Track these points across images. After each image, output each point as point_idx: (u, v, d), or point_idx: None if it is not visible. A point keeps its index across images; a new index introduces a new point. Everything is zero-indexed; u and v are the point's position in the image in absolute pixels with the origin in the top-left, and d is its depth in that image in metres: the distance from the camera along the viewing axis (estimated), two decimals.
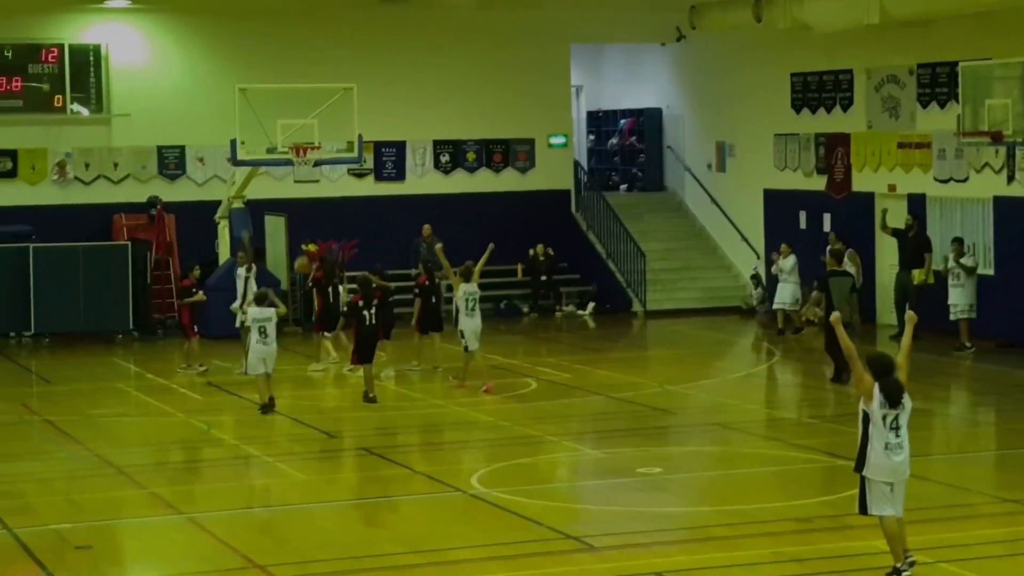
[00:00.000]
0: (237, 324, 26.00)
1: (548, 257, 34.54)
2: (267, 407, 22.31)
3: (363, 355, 23.20)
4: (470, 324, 24.16)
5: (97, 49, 32.97)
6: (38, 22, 32.62)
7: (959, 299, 27.44)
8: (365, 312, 23.13)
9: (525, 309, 34.53)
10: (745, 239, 34.93)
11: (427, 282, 26.22)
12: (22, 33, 32.53)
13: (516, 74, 35.52)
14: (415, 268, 33.12)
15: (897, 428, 13.06)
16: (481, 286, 34.15)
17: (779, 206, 33.72)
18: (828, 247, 27.83)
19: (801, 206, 33.01)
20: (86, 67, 32.91)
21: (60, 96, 32.72)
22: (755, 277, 33.81)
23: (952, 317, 27.45)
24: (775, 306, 30.66)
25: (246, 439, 20.72)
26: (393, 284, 27.26)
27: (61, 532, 15.65)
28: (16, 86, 32.46)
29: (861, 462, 13.12)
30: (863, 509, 13.16)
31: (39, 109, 32.64)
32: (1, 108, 32.39)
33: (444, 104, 35.23)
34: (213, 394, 24.36)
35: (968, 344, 27.12)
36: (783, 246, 30.82)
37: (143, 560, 15.39)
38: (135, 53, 33.31)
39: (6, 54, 32.45)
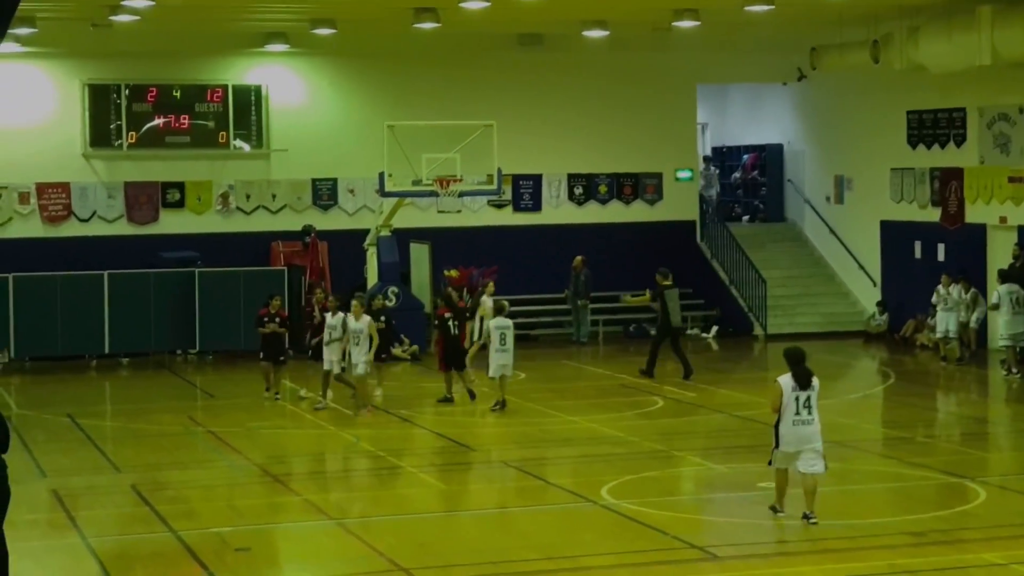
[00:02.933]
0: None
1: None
2: (499, 404, 23.48)
3: (449, 361, 24.40)
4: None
5: (258, 89, 33.42)
6: (205, 65, 33.15)
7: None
8: (449, 323, 24.45)
9: (652, 332, 34.35)
10: (862, 268, 34.53)
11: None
12: (190, 75, 33.07)
13: (645, 112, 35.46)
14: (565, 291, 33.34)
15: (809, 407, 15.67)
16: (610, 310, 34.51)
17: (895, 236, 33.32)
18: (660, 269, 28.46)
19: (916, 236, 32.59)
20: (248, 106, 33.37)
21: (224, 133, 33.20)
22: (880, 304, 33.51)
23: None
24: (938, 335, 29.30)
25: (392, 451, 20.84)
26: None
27: (222, 535, 15.81)
28: (184, 123, 32.98)
29: (777, 441, 15.72)
30: (771, 463, 15.93)
31: (205, 145, 33.14)
32: (170, 144, 32.94)
33: (578, 140, 35.26)
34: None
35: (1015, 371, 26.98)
36: (944, 276, 29.18)
37: (297, 562, 15.52)
38: (293, 93, 33.72)
39: (175, 94, 32.99)
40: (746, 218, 39.05)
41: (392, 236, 31.06)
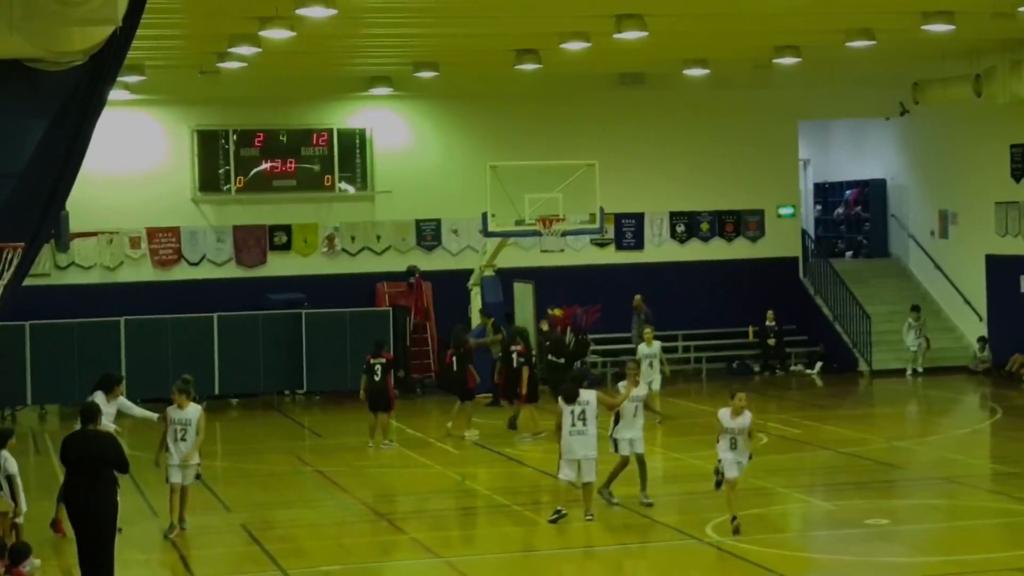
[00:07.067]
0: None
1: (777, 324, 34.20)
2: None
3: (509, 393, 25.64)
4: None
5: (363, 133, 33.75)
6: (310, 110, 33.53)
7: None
8: (513, 355, 25.58)
9: (756, 368, 34.24)
10: (968, 303, 34.13)
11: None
12: (296, 120, 33.47)
13: (747, 149, 35.36)
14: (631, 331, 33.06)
15: (584, 420, 17.60)
16: (713, 347, 34.36)
17: (1000, 271, 32.92)
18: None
19: (1022, 271, 32.17)
20: (352, 149, 33.71)
21: (329, 176, 33.56)
22: (982, 339, 33.10)
23: None
24: None
25: (497, 490, 20.86)
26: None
27: (331, 574, 15.90)
28: (291, 167, 33.38)
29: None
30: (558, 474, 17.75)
31: (311, 188, 33.51)
32: (277, 187, 33.34)
33: (679, 177, 35.21)
34: (467, 448, 24.57)
35: None
36: None
37: None
38: (396, 136, 34.00)
39: (282, 139, 33.41)
40: (849, 253, 38.76)
41: (496, 276, 31.17)
